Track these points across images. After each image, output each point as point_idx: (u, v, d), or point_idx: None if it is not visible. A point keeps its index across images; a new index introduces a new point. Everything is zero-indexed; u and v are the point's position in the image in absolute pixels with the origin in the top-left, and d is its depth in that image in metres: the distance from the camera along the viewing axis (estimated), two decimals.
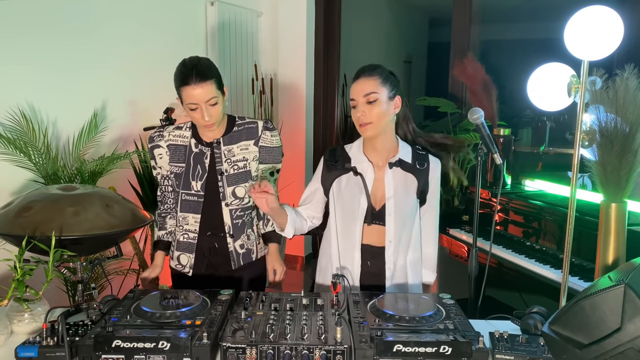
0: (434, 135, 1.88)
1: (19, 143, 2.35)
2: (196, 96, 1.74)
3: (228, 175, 1.90)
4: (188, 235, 1.95)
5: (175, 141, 1.93)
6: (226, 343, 1.23)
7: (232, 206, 1.92)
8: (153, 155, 1.95)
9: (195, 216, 1.92)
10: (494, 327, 1.44)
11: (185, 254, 1.96)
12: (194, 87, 1.74)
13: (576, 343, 1.11)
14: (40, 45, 2.54)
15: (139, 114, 3.11)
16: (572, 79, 1.75)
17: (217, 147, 1.90)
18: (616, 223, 1.70)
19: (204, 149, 1.91)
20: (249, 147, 1.93)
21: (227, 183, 1.90)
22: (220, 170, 1.90)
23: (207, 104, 1.77)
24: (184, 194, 1.92)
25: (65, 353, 1.25)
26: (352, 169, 1.78)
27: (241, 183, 1.92)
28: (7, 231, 1.51)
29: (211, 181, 1.91)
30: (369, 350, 1.23)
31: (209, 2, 3.61)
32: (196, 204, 1.91)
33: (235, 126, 1.94)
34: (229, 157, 1.91)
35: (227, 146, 1.91)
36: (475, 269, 1.81)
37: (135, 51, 3.08)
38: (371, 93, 1.67)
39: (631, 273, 1.08)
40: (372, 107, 1.68)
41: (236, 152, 1.92)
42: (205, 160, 1.90)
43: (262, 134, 1.93)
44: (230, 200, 1.92)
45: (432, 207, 1.86)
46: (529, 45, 5.30)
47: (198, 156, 1.91)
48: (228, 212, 1.92)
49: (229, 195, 1.91)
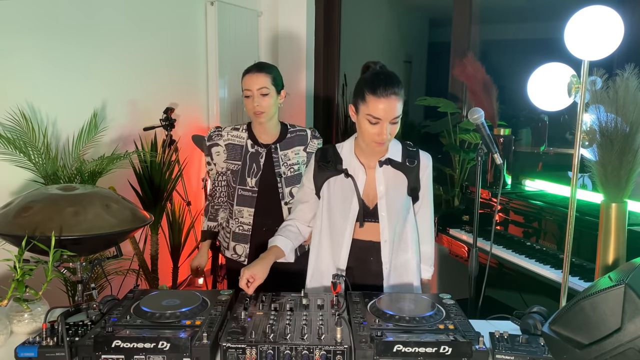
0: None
1: (19, 143, 2.35)
2: (250, 83, 2.03)
3: (286, 177, 2.15)
4: (243, 227, 2.16)
5: (233, 141, 2.15)
6: (226, 343, 1.23)
7: (290, 204, 2.09)
8: (210, 152, 2.17)
9: (249, 210, 2.14)
10: (494, 327, 1.44)
11: (240, 244, 2.17)
12: (251, 75, 2.04)
13: (576, 343, 1.11)
14: (40, 45, 2.54)
15: (139, 114, 3.11)
16: (572, 79, 1.75)
17: (274, 152, 2.14)
18: (616, 223, 1.70)
19: (260, 149, 2.14)
20: (300, 152, 2.18)
21: (285, 184, 2.15)
22: (279, 173, 2.14)
23: (258, 92, 2.03)
24: (240, 189, 2.14)
25: (65, 353, 1.25)
26: (344, 171, 1.76)
27: (296, 184, 2.16)
28: (6, 231, 1.51)
29: (267, 180, 2.13)
30: (369, 351, 1.22)
31: (209, 2, 3.60)
32: (251, 199, 2.13)
33: (289, 133, 2.18)
34: (285, 161, 2.15)
35: (284, 151, 2.15)
36: (476, 269, 1.81)
37: (135, 51, 3.08)
38: (399, 116, 1.61)
39: (631, 273, 1.08)
40: (393, 127, 1.63)
41: (291, 157, 2.17)
42: (260, 159, 2.13)
43: (310, 142, 2.19)
44: (288, 199, 2.14)
45: (426, 203, 1.84)
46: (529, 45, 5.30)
47: (254, 156, 2.14)
48: (287, 210, 2.12)
49: (287, 195, 2.15)
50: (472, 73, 3.42)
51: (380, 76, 1.62)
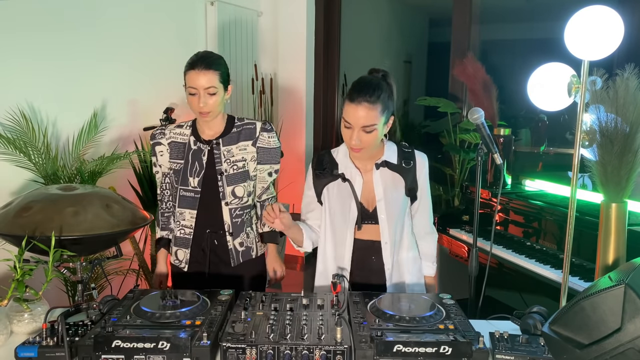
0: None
1: (19, 143, 2.35)
2: (197, 81, 1.82)
3: (228, 175, 1.94)
4: (184, 231, 1.97)
5: (176, 139, 1.98)
6: (226, 343, 1.23)
7: (231, 205, 1.95)
8: (154, 152, 1.99)
9: (191, 212, 1.95)
10: (494, 327, 1.44)
11: (181, 249, 1.99)
12: (198, 72, 1.82)
13: (576, 343, 1.11)
14: (40, 45, 2.54)
15: (139, 114, 3.11)
16: (572, 79, 1.75)
17: (216, 147, 1.94)
18: (616, 223, 1.70)
19: (202, 146, 1.95)
20: (247, 148, 1.96)
21: (226, 183, 1.94)
22: (220, 170, 1.93)
23: (205, 92, 1.83)
24: (182, 189, 1.95)
25: (65, 353, 1.25)
26: (340, 176, 1.76)
27: (240, 183, 1.95)
28: (7, 231, 1.51)
29: (209, 179, 1.94)
30: (369, 351, 1.22)
31: (209, 2, 3.61)
32: (193, 200, 1.95)
33: (234, 127, 1.97)
34: (228, 157, 1.94)
35: (227, 147, 1.95)
36: (476, 269, 1.81)
37: (135, 51, 3.08)
38: (371, 125, 1.60)
39: (631, 273, 1.08)
40: (368, 135, 1.62)
41: (235, 153, 1.95)
42: (202, 157, 1.94)
43: (259, 135, 1.97)
44: (230, 200, 1.94)
45: (424, 203, 1.85)
46: (529, 45, 5.30)
47: (196, 153, 1.95)
48: (228, 211, 1.95)
49: (229, 194, 1.94)
50: (472, 73, 3.43)
51: (360, 83, 1.65)
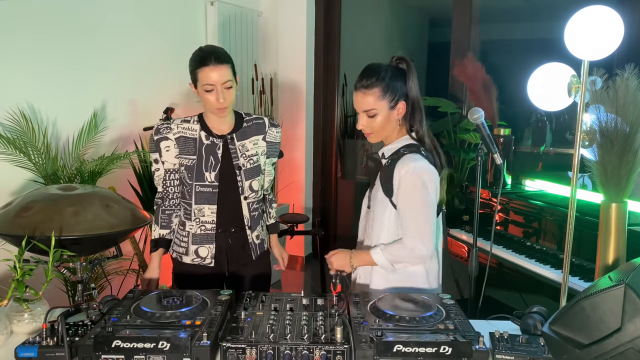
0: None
1: (19, 143, 2.35)
2: (214, 77, 1.79)
3: (245, 170, 1.95)
4: (205, 227, 1.94)
5: (185, 134, 1.91)
6: (226, 343, 1.23)
7: (249, 199, 1.97)
8: (159, 147, 1.90)
9: (211, 207, 1.92)
10: (494, 327, 1.44)
11: (204, 246, 1.95)
12: (213, 68, 1.78)
13: (576, 343, 1.11)
14: (40, 45, 2.54)
15: (139, 114, 3.11)
16: (572, 79, 1.75)
17: (231, 142, 1.94)
18: (616, 223, 1.70)
19: (216, 140, 1.93)
20: (259, 142, 1.99)
21: (245, 177, 1.95)
22: (238, 165, 1.94)
23: (223, 87, 1.81)
24: (198, 185, 1.91)
25: (65, 353, 1.25)
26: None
27: (255, 177, 1.97)
28: (7, 231, 1.51)
29: (226, 174, 1.93)
30: (369, 351, 1.22)
31: (209, 2, 3.61)
32: (211, 195, 1.92)
33: (245, 122, 1.98)
34: (243, 152, 1.95)
35: (241, 141, 1.95)
36: (476, 269, 1.82)
37: (135, 51, 3.08)
38: (370, 110, 1.66)
39: (631, 273, 1.08)
40: (372, 120, 1.68)
41: (249, 147, 1.96)
42: (217, 151, 1.92)
43: (268, 130, 2.00)
44: (248, 194, 1.96)
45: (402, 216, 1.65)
46: (529, 45, 5.29)
47: (210, 147, 1.92)
48: (246, 205, 1.97)
49: (247, 189, 1.96)
50: (472, 73, 3.42)
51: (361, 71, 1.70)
